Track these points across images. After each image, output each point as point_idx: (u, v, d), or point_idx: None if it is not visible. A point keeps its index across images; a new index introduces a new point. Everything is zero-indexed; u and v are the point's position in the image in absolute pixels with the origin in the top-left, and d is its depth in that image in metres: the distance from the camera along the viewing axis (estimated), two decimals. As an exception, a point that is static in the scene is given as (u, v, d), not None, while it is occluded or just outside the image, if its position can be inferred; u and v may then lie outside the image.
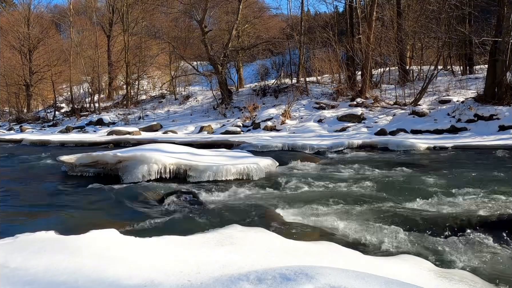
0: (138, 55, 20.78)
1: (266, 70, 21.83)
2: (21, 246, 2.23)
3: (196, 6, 16.93)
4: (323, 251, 2.43)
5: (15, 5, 31.63)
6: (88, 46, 22.71)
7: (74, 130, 16.75)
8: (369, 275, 1.63)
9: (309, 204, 3.86)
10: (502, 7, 10.09)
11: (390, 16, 15.63)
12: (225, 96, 16.30)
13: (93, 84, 20.94)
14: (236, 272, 1.77)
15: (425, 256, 2.59)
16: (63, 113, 21.26)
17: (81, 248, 2.17)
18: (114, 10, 21.64)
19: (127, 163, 5.35)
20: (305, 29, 17.00)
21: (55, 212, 4.02)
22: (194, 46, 21.38)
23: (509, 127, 9.32)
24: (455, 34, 11.74)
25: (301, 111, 13.70)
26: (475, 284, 2.11)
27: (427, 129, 10.25)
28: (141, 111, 18.15)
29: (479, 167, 5.64)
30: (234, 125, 13.63)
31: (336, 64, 15.74)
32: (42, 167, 7.19)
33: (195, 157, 5.83)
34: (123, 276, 1.83)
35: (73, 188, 5.12)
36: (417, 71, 14.59)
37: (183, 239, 2.54)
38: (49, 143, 12.17)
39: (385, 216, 3.44)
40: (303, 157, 6.89)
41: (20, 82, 23.26)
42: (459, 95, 11.97)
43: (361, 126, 11.48)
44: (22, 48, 23.65)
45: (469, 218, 3.28)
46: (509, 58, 10.07)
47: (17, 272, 1.86)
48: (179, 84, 21.32)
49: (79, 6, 27.18)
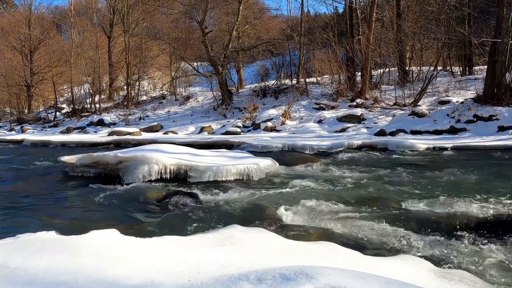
0: (138, 56, 20.79)
1: (266, 71, 21.86)
2: (22, 246, 2.23)
3: (197, 7, 16.97)
4: (323, 251, 2.44)
5: (16, 6, 31.72)
6: (89, 47, 22.79)
7: (75, 131, 16.81)
8: (369, 275, 1.63)
9: (309, 205, 3.87)
10: (502, 8, 10.08)
11: (390, 17, 15.63)
12: (225, 97, 16.33)
13: (93, 85, 20.99)
14: (236, 272, 1.78)
15: (424, 256, 2.60)
16: (64, 113, 21.32)
17: (81, 248, 2.18)
18: (114, 11, 21.68)
19: (128, 164, 5.36)
20: (305, 30, 17.02)
21: (56, 212, 4.03)
22: (195, 47, 21.39)
23: (508, 128, 9.32)
24: (455, 35, 11.73)
25: (301, 112, 13.73)
26: (474, 284, 2.11)
27: (427, 130, 10.26)
28: (141, 112, 18.20)
29: (478, 168, 5.65)
30: (234, 125, 13.67)
31: (336, 65, 15.77)
32: (43, 167, 7.20)
33: (196, 157, 5.84)
34: (123, 276, 1.83)
35: (74, 189, 5.14)
36: (417, 72, 14.58)
37: (183, 239, 2.55)
38: (50, 143, 12.21)
39: (385, 216, 3.45)
40: (303, 158, 6.90)
41: (21, 82, 23.30)
42: (458, 95, 11.98)
43: (361, 127, 11.50)
44: (23, 49, 23.69)
45: (468, 219, 3.29)
46: (508, 59, 10.05)
47: (17, 272, 1.86)
48: (180, 85, 21.36)
49: (80, 7, 27.21)
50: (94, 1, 23.10)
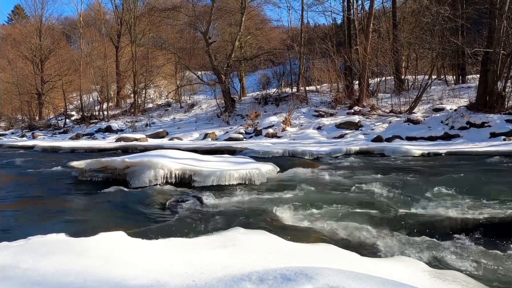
0: (145, 65, 21.17)
1: (267, 80, 22.14)
2: (32, 247, 2.27)
3: (201, 19, 17.51)
4: (322, 252, 2.47)
5: (28, 17, 32.62)
6: (97, 56, 23.05)
7: (84, 137, 17.18)
8: (366, 276, 1.66)
9: (309, 208, 3.90)
10: (493, 19, 10.29)
11: (386, 28, 15.96)
12: (228, 105, 16.63)
13: (102, 93, 21.58)
14: (239, 273, 1.79)
15: (419, 257, 2.65)
16: (73, 120, 21.77)
17: (89, 250, 2.23)
18: (122, 22, 22.24)
19: (135, 169, 5.43)
20: (305, 40, 17.31)
21: (66, 215, 4.08)
22: (199, 57, 21.67)
23: (500, 134, 9.47)
24: (449, 45, 11.89)
25: (301, 119, 13.98)
26: (467, 284, 2.14)
27: (422, 136, 10.41)
28: (148, 119, 18.63)
29: (471, 172, 5.66)
30: (237, 132, 13.89)
31: (335, 74, 16.02)
32: (53, 172, 7.27)
33: (200, 162, 5.92)
34: (129, 276, 1.85)
35: (83, 192, 5.18)
36: (412, 81, 14.84)
37: (188, 241, 2.60)
38: (60, 149, 12.37)
39: (381, 219, 3.51)
40: (303, 163, 6.93)
41: (32, 91, 23.84)
42: (452, 103, 12.20)
43: (359, 133, 11.68)
44: (34, 58, 24.26)
45: (461, 221, 3.36)
46: (500, 68, 10.24)
47: (28, 272, 1.89)
48: (184, 93, 21.75)
49: (89, 18, 27.72)
50: (102, 12, 23.69)
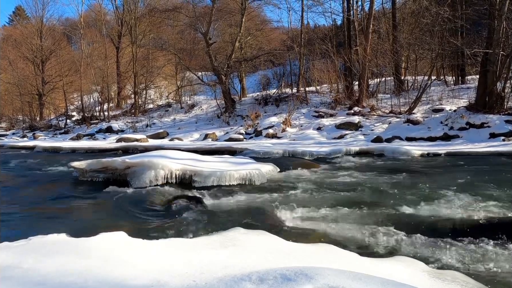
0: (145, 66, 21.19)
1: (267, 80, 22.25)
2: (34, 248, 2.29)
3: (201, 19, 17.56)
4: (322, 253, 2.49)
5: (28, 18, 32.67)
6: (98, 57, 23.10)
7: (85, 137, 17.20)
8: (366, 276, 1.67)
9: (309, 208, 3.92)
10: (493, 20, 10.32)
11: (386, 28, 16.02)
12: (228, 105, 16.67)
13: (102, 94, 21.65)
14: (239, 273, 1.80)
15: (419, 257, 2.66)
16: (74, 121, 21.81)
17: (90, 250, 2.24)
18: (122, 23, 22.31)
19: (135, 169, 5.45)
20: (305, 41, 17.35)
21: (67, 216, 4.12)
22: (199, 57, 21.68)
23: (499, 135, 9.48)
24: (448, 46, 11.96)
25: (301, 119, 14.01)
26: (466, 284, 2.15)
27: (421, 137, 10.41)
28: (148, 119, 18.66)
29: (470, 173, 5.69)
30: (237, 132, 13.90)
31: (335, 75, 16.05)
32: (54, 172, 7.30)
33: (200, 163, 5.93)
34: (130, 276, 1.86)
35: (83, 193, 5.23)
36: (412, 81, 14.84)
37: (188, 241, 2.62)
38: (60, 149, 12.31)
39: (381, 219, 3.53)
40: (303, 163, 6.95)
41: (33, 91, 23.88)
42: (451, 104, 12.22)
43: (358, 134, 11.69)
44: (35, 59, 24.33)
45: (461, 221, 3.39)
46: (499, 69, 10.26)
47: (29, 272, 1.90)
48: (185, 94, 21.81)
49: (90, 19, 27.76)
50: (103, 13, 23.67)
